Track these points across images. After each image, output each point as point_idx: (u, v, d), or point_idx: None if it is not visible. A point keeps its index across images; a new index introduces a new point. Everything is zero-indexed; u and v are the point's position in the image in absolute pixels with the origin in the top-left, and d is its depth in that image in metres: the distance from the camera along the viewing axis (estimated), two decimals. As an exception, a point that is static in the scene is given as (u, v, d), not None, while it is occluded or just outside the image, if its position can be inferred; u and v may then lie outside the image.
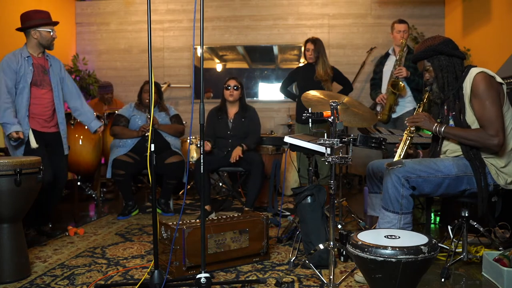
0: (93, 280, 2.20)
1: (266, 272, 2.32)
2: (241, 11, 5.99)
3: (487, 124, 2.09)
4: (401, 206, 2.10)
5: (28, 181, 2.24)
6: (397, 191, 2.10)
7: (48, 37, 2.99)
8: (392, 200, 2.11)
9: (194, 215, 3.88)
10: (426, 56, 2.27)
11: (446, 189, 2.15)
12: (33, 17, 2.95)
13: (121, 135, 3.95)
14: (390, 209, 2.13)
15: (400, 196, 2.10)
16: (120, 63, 6.17)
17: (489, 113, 2.08)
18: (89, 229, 3.28)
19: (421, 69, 2.36)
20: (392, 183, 2.11)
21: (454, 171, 2.14)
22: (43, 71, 3.04)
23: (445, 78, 2.23)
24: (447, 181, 2.13)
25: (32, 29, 2.95)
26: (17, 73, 2.89)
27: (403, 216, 2.11)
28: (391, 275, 1.54)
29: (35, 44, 2.99)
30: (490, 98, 2.09)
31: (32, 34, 2.96)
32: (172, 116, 4.13)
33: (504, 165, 2.16)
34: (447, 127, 2.22)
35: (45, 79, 3.05)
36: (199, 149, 4.62)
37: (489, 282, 2.14)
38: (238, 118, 3.94)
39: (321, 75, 4.08)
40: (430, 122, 2.28)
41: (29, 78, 2.94)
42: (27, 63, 2.95)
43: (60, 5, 5.79)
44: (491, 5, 4.54)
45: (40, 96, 3.02)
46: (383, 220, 2.15)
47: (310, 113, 1.95)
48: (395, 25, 4.01)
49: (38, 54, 3.03)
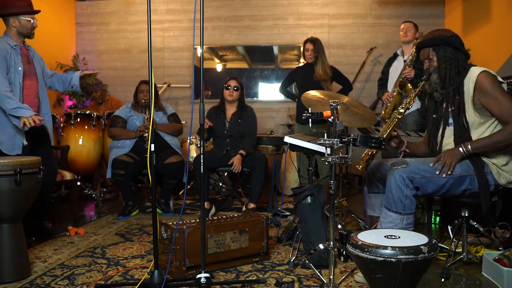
0: (93, 280, 2.20)
1: (266, 272, 2.32)
2: (241, 11, 5.99)
3: (509, 116, 2.06)
4: (404, 206, 2.09)
5: (28, 181, 2.24)
6: (401, 191, 2.09)
7: (28, 25, 2.88)
8: (396, 200, 2.10)
9: (194, 215, 3.88)
10: (433, 44, 2.25)
11: (449, 189, 2.14)
12: (12, 4, 2.83)
13: (119, 136, 3.94)
14: (393, 209, 2.12)
15: (404, 196, 2.08)
16: (120, 63, 6.17)
17: (506, 105, 2.06)
18: (89, 229, 3.28)
19: (423, 57, 2.32)
20: (396, 183, 2.09)
21: (457, 171, 2.13)
22: (28, 61, 2.97)
23: (448, 70, 2.22)
24: (450, 181, 2.13)
25: (11, 17, 2.84)
26: (7, 61, 2.78)
27: (405, 217, 2.10)
28: (391, 275, 1.54)
29: (15, 32, 2.88)
30: (500, 91, 2.10)
31: (11, 22, 2.85)
32: (169, 115, 4.12)
33: (505, 163, 2.16)
34: (471, 143, 2.14)
35: (30, 69, 2.97)
36: (199, 149, 4.63)
37: (489, 282, 2.14)
38: (235, 119, 3.94)
39: (320, 75, 4.08)
40: (456, 153, 2.15)
41: (21, 68, 2.85)
42: (15, 52, 2.86)
43: (60, 5, 5.80)
44: (491, 5, 4.54)
45: (29, 87, 2.94)
46: (385, 220, 2.14)
47: (310, 113, 1.94)
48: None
49: (20, 43, 2.92)
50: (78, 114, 4.28)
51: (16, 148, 2.84)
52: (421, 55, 2.35)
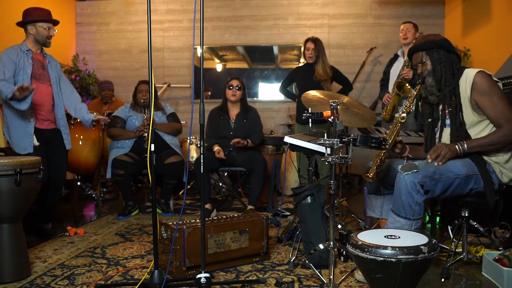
0: (93, 280, 2.20)
1: (266, 272, 2.32)
2: (241, 11, 5.99)
3: (503, 120, 2.09)
4: (414, 212, 2.05)
5: (28, 181, 2.24)
6: (412, 197, 2.04)
7: (44, 33, 3.01)
8: (405, 206, 2.06)
9: (194, 215, 3.88)
10: (427, 47, 2.26)
11: (455, 189, 2.13)
12: (32, 13, 3.00)
13: (118, 136, 3.95)
14: (402, 215, 2.08)
15: (414, 202, 2.05)
16: (120, 63, 6.17)
17: (502, 108, 2.09)
18: (89, 229, 3.28)
19: (416, 62, 2.33)
20: (407, 189, 2.05)
21: (464, 170, 2.12)
22: (42, 67, 3.09)
23: (443, 72, 2.23)
24: (458, 181, 2.12)
25: (29, 25, 2.99)
26: (16, 64, 2.92)
27: (414, 222, 2.07)
28: (391, 275, 1.54)
29: (32, 40, 3.03)
30: (497, 93, 2.11)
31: (29, 29, 3.01)
32: (168, 115, 4.12)
33: (506, 160, 2.17)
34: (467, 142, 2.15)
35: (44, 74, 3.09)
36: (199, 149, 4.63)
37: (489, 282, 2.14)
38: (240, 119, 3.94)
39: (320, 74, 4.08)
40: (452, 149, 2.16)
41: (29, 70, 2.97)
42: (26, 56, 2.99)
43: (60, 5, 5.79)
44: (491, 5, 4.54)
45: (41, 91, 3.04)
46: (394, 225, 2.11)
47: (310, 113, 1.94)
48: None
49: (37, 50, 3.08)
50: (78, 114, 4.27)
51: (28, 148, 2.96)
52: (414, 60, 2.36)
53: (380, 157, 2.30)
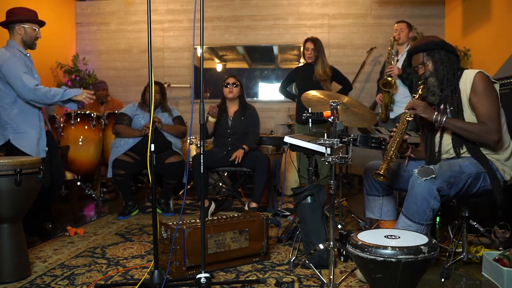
0: (93, 280, 2.20)
1: (266, 272, 2.32)
2: (241, 11, 5.99)
3: (488, 120, 2.11)
4: (427, 217, 2.04)
5: (28, 181, 2.24)
6: (427, 203, 2.02)
7: (32, 34, 2.93)
8: (420, 211, 2.03)
9: (194, 215, 3.88)
10: (427, 48, 2.27)
11: (468, 187, 2.13)
12: (19, 13, 2.91)
13: (123, 133, 3.95)
14: (415, 220, 2.05)
15: (430, 209, 2.02)
16: (120, 63, 6.17)
17: (490, 110, 2.11)
18: (89, 229, 3.28)
19: (417, 63, 2.33)
20: (423, 195, 2.02)
21: (474, 169, 2.13)
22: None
23: (445, 71, 2.25)
24: (470, 180, 2.12)
25: (17, 24, 2.89)
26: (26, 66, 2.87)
27: (426, 227, 2.05)
28: (391, 275, 1.54)
29: (19, 40, 2.92)
30: (491, 97, 2.14)
31: (17, 29, 2.90)
32: (174, 118, 4.15)
33: (507, 158, 2.19)
34: (448, 117, 2.19)
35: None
36: (199, 149, 4.63)
37: (489, 282, 2.14)
38: (238, 117, 3.95)
39: (320, 74, 4.08)
40: (430, 111, 2.22)
41: (37, 74, 2.94)
42: (28, 60, 2.94)
43: (60, 5, 5.79)
44: (491, 5, 4.54)
45: None
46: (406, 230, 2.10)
47: (310, 113, 1.94)
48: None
49: None
50: (78, 114, 4.27)
51: (41, 153, 2.93)
52: (414, 61, 2.36)
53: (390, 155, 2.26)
